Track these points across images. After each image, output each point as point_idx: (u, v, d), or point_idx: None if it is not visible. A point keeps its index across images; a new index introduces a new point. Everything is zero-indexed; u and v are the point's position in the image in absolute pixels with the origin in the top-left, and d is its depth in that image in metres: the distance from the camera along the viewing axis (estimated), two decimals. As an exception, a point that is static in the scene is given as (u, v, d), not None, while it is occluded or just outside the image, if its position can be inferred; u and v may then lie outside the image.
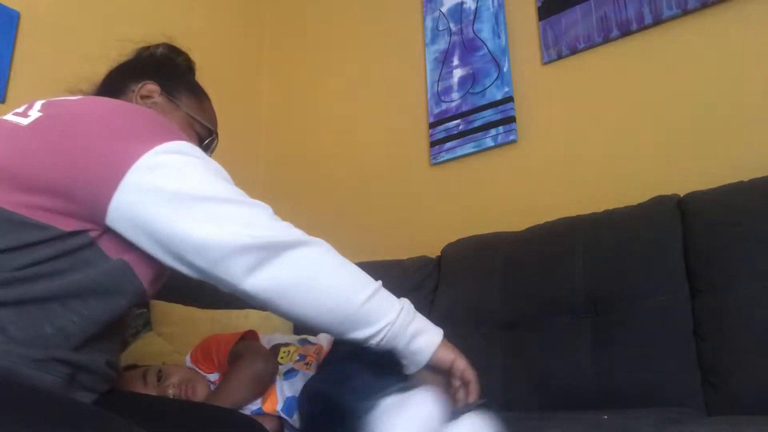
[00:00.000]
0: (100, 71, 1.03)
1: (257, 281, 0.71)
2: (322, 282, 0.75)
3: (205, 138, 1.03)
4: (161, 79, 0.99)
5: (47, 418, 0.56)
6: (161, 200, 0.71)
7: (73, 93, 0.98)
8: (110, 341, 0.74)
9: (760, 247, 1.15)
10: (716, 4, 1.48)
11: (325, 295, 0.75)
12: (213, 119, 1.06)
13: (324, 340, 1.21)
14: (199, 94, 1.05)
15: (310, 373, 1.12)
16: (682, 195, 1.34)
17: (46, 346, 0.67)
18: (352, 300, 0.75)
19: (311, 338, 1.25)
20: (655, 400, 1.13)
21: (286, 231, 0.75)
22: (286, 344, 1.22)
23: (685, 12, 1.52)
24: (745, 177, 1.27)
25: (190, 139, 0.91)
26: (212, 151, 1.04)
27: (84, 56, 1.20)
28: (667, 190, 1.37)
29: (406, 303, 0.82)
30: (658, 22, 1.56)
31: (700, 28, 1.51)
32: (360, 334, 0.76)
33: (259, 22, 2.59)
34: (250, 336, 1.23)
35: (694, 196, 1.31)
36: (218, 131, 1.07)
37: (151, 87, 0.98)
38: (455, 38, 1.96)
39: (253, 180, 2.39)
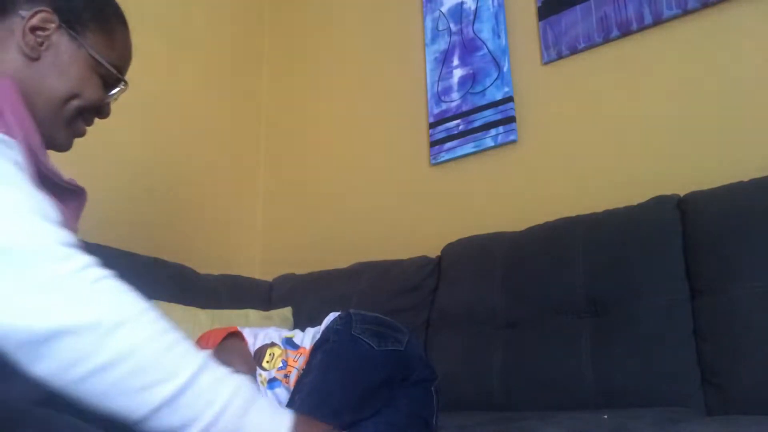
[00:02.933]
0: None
1: (37, 372, 0.54)
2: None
3: (113, 84, 0.84)
4: (64, 3, 0.78)
5: None
6: None
7: None
8: None
9: (760, 247, 1.15)
10: (716, 4, 1.48)
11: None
12: (124, 59, 0.86)
13: (308, 340, 1.13)
14: (111, 25, 0.83)
15: (287, 386, 1.07)
16: (682, 195, 1.34)
17: None
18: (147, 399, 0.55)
19: (297, 337, 1.16)
20: (655, 400, 1.13)
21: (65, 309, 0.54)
22: (272, 345, 1.14)
23: (685, 12, 1.52)
24: (745, 177, 1.27)
25: (89, 85, 0.78)
26: (116, 99, 0.86)
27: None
28: (667, 190, 1.37)
29: (237, 395, 0.59)
30: (658, 22, 1.56)
31: (700, 28, 1.51)
32: None
33: (259, 21, 2.59)
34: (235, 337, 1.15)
35: (694, 196, 1.31)
36: (128, 78, 0.84)
37: (46, 16, 0.76)
38: (455, 38, 1.96)
39: (254, 180, 2.39)
